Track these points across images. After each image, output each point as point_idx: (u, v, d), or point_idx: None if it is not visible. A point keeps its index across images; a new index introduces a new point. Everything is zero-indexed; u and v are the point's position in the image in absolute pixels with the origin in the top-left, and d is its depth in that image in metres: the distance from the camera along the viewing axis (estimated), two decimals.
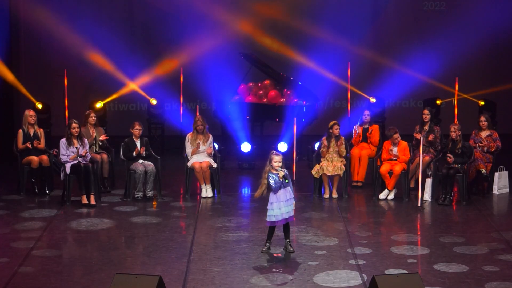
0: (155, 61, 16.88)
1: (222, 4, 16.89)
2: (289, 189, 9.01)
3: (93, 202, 11.47)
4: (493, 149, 12.28)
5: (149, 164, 11.97)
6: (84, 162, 11.59)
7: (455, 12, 16.95)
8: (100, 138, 12.59)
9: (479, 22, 16.79)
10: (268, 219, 9.01)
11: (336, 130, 12.16)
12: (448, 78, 16.27)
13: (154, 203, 11.79)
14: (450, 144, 11.86)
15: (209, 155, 12.19)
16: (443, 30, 16.89)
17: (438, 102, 16.22)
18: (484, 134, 12.40)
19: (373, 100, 16.24)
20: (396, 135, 12.00)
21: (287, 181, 8.94)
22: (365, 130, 13.05)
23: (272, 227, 9.11)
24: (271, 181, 8.92)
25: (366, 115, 13.07)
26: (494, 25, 16.82)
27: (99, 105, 16.09)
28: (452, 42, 16.72)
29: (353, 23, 16.78)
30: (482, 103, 16.17)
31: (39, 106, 15.80)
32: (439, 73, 16.63)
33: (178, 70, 15.81)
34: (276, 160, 8.96)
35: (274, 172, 8.96)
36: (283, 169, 9.00)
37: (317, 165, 12.17)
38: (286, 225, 9.13)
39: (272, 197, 8.98)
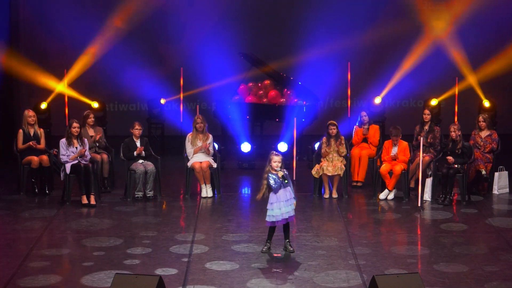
0: (155, 60, 16.90)
1: (222, 4, 16.89)
2: (289, 189, 9.02)
3: (93, 202, 11.47)
4: (487, 150, 12.27)
5: (149, 164, 11.97)
6: (84, 162, 11.59)
7: (454, 12, 16.93)
8: (95, 138, 12.57)
9: (479, 22, 16.78)
10: (267, 219, 9.02)
11: (331, 130, 12.16)
12: (448, 78, 16.26)
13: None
14: (450, 144, 11.86)
15: (207, 155, 12.17)
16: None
17: (433, 103, 16.10)
18: (484, 134, 12.41)
19: (378, 101, 16.24)
20: (394, 138, 11.97)
21: (286, 181, 8.94)
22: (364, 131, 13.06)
23: (272, 227, 9.13)
24: (271, 181, 8.94)
25: (363, 116, 13.07)
26: (494, 25, 16.82)
27: (96, 105, 16.13)
28: (451, 42, 16.70)
29: (353, 23, 16.77)
30: (487, 105, 16.04)
31: (43, 106, 15.86)
32: (439, 73, 16.62)
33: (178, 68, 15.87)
34: (276, 160, 8.97)
35: (274, 172, 8.97)
36: (282, 169, 9.01)
37: (317, 165, 12.17)
38: (286, 225, 9.14)
39: (272, 197, 9.00)
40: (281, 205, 8.95)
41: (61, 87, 15.71)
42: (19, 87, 16.60)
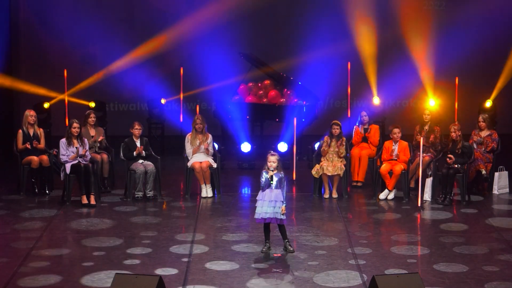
0: (155, 60, 16.90)
1: (222, 4, 16.89)
2: (276, 191, 9.00)
3: (93, 202, 11.47)
4: (489, 149, 12.28)
5: (149, 164, 11.97)
6: (84, 162, 11.59)
7: (455, 12, 16.94)
8: (98, 139, 12.57)
9: (479, 22, 16.79)
10: (255, 216, 9.13)
11: (334, 130, 12.17)
12: (448, 78, 16.26)
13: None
14: (450, 144, 11.86)
15: (207, 155, 12.16)
16: (443, 29, 16.89)
17: (432, 104, 16.08)
18: (484, 134, 12.41)
19: (377, 101, 16.23)
20: (396, 130, 11.99)
21: (271, 182, 8.98)
22: (365, 130, 13.07)
23: (266, 226, 9.15)
24: (262, 179, 9.06)
25: (363, 116, 13.08)
26: (494, 25, 16.83)
27: (93, 104, 16.14)
28: (452, 42, 16.71)
29: (353, 22, 16.76)
30: (489, 105, 16.04)
31: (46, 106, 15.88)
32: (439, 73, 16.62)
33: (178, 68, 15.87)
34: (270, 160, 9.05)
35: (267, 171, 9.03)
36: (280, 171, 9.05)
37: (317, 165, 12.17)
38: (281, 226, 9.16)
39: (259, 194, 9.11)
40: (264, 204, 9.01)
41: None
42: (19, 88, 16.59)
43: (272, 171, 9.02)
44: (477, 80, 17.11)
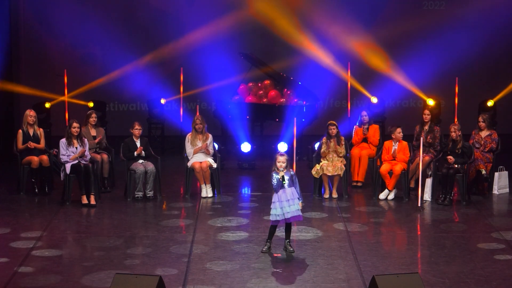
0: (155, 60, 16.90)
1: (221, 5, 16.89)
2: (291, 189, 9.04)
3: (93, 202, 11.47)
4: (488, 148, 12.27)
5: (149, 164, 11.97)
6: (84, 162, 11.59)
7: (455, 12, 16.94)
8: (101, 140, 12.57)
9: (479, 22, 16.79)
10: (271, 218, 9.10)
11: (331, 130, 12.16)
12: (448, 78, 16.26)
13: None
14: (450, 144, 11.86)
15: (207, 155, 12.17)
16: (443, 29, 16.89)
17: (431, 103, 16.08)
18: (484, 134, 12.41)
19: (375, 100, 16.24)
20: (399, 129, 12.00)
21: (284, 182, 8.98)
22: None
23: (273, 227, 9.16)
24: (273, 181, 9.05)
25: (364, 115, 13.07)
26: (494, 25, 16.83)
27: (91, 104, 16.15)
28: (452, 42, 16.71)
29: (353, 22, 16.76)
30: (490, 104, 16.07)
31: (47, 105, 15.87)
32: (439, 73, 16.62)
33: (178, 68, 15.87)
34: (280, 161, 9.05)
35: (278, 172, 9.03)
36: (289, 170, 9.07)
37: (317, 165, 12.17)
38: (288, 226, 9.16)
39: (274, 196, 9.09)
40: (283, 205, 9.00)
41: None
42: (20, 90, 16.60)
43: (282, 171, 9.03)
44: (477, 80, 17.11)
